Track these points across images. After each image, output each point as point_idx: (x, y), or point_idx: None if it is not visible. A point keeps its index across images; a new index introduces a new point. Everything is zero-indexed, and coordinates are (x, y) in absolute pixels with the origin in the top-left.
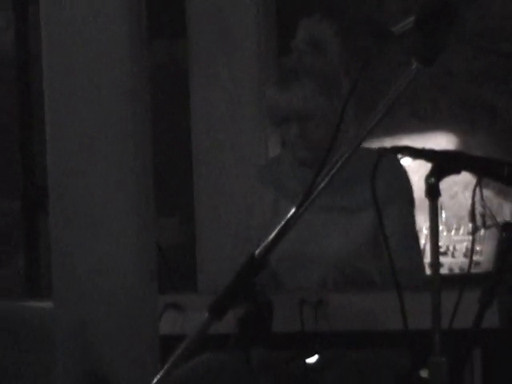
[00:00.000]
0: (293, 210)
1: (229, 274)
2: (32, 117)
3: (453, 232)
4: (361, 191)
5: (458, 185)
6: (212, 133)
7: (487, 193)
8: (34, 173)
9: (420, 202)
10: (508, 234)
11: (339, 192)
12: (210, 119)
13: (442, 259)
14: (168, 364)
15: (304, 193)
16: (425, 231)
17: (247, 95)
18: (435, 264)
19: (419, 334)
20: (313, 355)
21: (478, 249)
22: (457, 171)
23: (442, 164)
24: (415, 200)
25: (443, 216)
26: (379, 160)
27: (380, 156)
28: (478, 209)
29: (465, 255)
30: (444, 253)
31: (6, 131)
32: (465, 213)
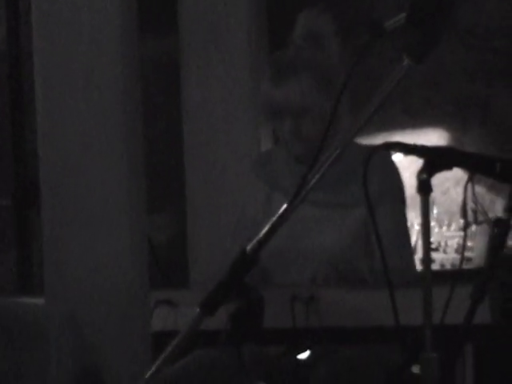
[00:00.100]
0: (285, 206)
1: (221, 270)
2: (24, 114)
3: (444, 228)
4: (354, 188)
5: (450, 181)
6: (204, 129)
7: (479, 189)
8: (26, 170)
9: (412, 198)
10: (500, 230)
11: (333, 188)
12: (202, 115)
13: (434, 255)
14: (160, 360)
15: (296, 188)
16: (416, 227)
17: (239, 90)
18: (427, 260)
19: (411, 330)
20: (304, 351)
21: (470, 245)
22: (448, 167)
23: (434, 160)
24: (407, 197)
25: (435, 212)
26: (370, 156)
27: (371, 153)
28: (470, 205)
29: (456, 251)
30: (435, 249)
31: None
32: (456, 209)
